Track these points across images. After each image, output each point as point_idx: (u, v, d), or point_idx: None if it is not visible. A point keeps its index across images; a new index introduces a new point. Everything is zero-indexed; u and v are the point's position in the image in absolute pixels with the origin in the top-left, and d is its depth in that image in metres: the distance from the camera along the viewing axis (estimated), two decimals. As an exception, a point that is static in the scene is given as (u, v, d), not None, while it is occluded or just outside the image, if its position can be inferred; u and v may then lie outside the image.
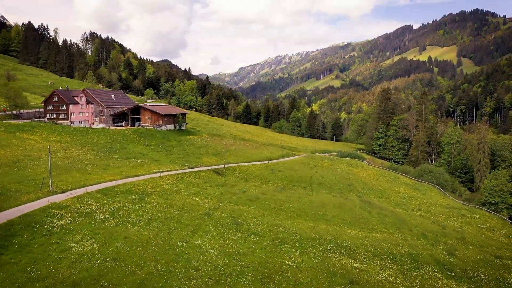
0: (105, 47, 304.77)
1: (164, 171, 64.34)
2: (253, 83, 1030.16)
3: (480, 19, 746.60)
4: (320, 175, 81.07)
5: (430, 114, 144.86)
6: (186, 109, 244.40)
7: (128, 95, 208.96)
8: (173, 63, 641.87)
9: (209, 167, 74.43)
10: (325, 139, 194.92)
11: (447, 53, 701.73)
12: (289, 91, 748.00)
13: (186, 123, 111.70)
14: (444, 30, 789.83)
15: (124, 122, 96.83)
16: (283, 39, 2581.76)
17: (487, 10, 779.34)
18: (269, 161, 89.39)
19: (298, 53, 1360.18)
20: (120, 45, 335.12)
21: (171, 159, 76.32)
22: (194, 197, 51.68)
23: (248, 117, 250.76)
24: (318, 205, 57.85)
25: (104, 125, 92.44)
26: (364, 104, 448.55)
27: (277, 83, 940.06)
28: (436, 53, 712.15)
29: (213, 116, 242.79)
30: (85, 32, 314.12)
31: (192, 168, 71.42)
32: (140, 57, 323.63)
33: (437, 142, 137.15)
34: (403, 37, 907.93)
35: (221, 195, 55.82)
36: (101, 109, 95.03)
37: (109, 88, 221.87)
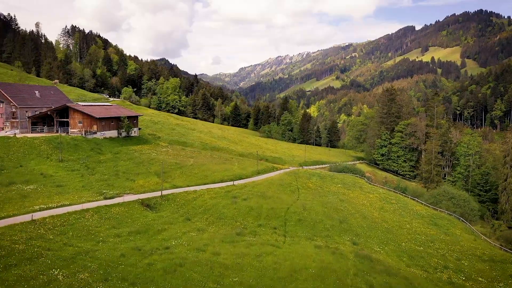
0: (86, 42, 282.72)
1: (52, 208, 41.48)
2: (253, 83, 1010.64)
3: (484, 20, 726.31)
4: (302, 205, 58.11)
5: (443, 118, 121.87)
6: (168, 109, 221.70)
7: (99, 94, 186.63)
8: (173, 63, 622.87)
9: (139, 195, 51.57)
10: (320, 145, 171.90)
11: (450, 54, 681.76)
12: (288, 91, 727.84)
13: (139, 128, 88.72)
14: (447, 31, 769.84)
15: (47, 128, 74.03)
16: (285, 39, 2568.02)
17: (491, 11, 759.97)
18: (236, 182, 66.46)
19: (299, 53, 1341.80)
20: (105, 41, 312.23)
21: (86, 183, 53.36)
22: (55, 271, 28.76)
23: (236, 119, 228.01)
24: (285, 274, 34.89)
25: (17, 131, 69.69)
26: (364, 105, 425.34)
27: (277, 83, 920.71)
28: (439, 54, 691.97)
29: (197, 118, 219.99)
30: (66, 26, 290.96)
31: (110, 198, 48.58)
32: (126, 53, 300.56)
33: (451, 153, 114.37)
34: (405, 38, 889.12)
35: (118, 260, 32.79)
36: (14, 110, 72.27)
37: (79, 87, 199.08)
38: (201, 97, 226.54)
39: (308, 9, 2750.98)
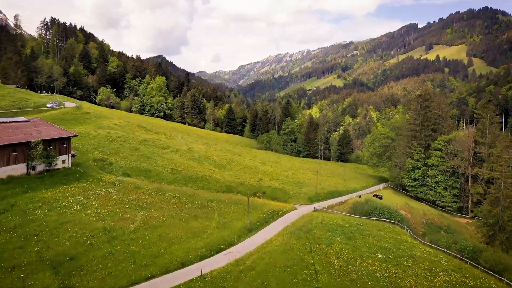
0: (66, 36, 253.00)
1: None
2: (253, 81, 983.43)
3: (490, 18, 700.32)
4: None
5: (499, 133, 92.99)
6: (153, 113, 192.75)
7: (58, 95, 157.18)
8: (172, 61, 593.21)
9: None
10: (329, 159, 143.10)
11: (456, 53, 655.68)
12: (288, 90, 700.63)
13: (73, 155, 59.87)
14: (452, 28, 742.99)
15: None
16: (285, 38, 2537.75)
17: (497, 9, 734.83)
18: (207, 268, 37.68)
19: (299, 51, 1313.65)
20: (89, 35, 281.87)
21: None
22: None
23: (231, 124, 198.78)
24: None
25: None
26: (370, 107, 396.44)
27: (277, 81, 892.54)
28: (444, 52, 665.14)
29: (185, 123, 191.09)
30: (45, 18, 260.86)
31: None
32: (112, 49, 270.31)
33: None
34: (407, 36, 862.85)
35: None
36: None
37: (47, 87, 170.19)
38: (190, 99, 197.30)
39: (309, 7, 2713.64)
